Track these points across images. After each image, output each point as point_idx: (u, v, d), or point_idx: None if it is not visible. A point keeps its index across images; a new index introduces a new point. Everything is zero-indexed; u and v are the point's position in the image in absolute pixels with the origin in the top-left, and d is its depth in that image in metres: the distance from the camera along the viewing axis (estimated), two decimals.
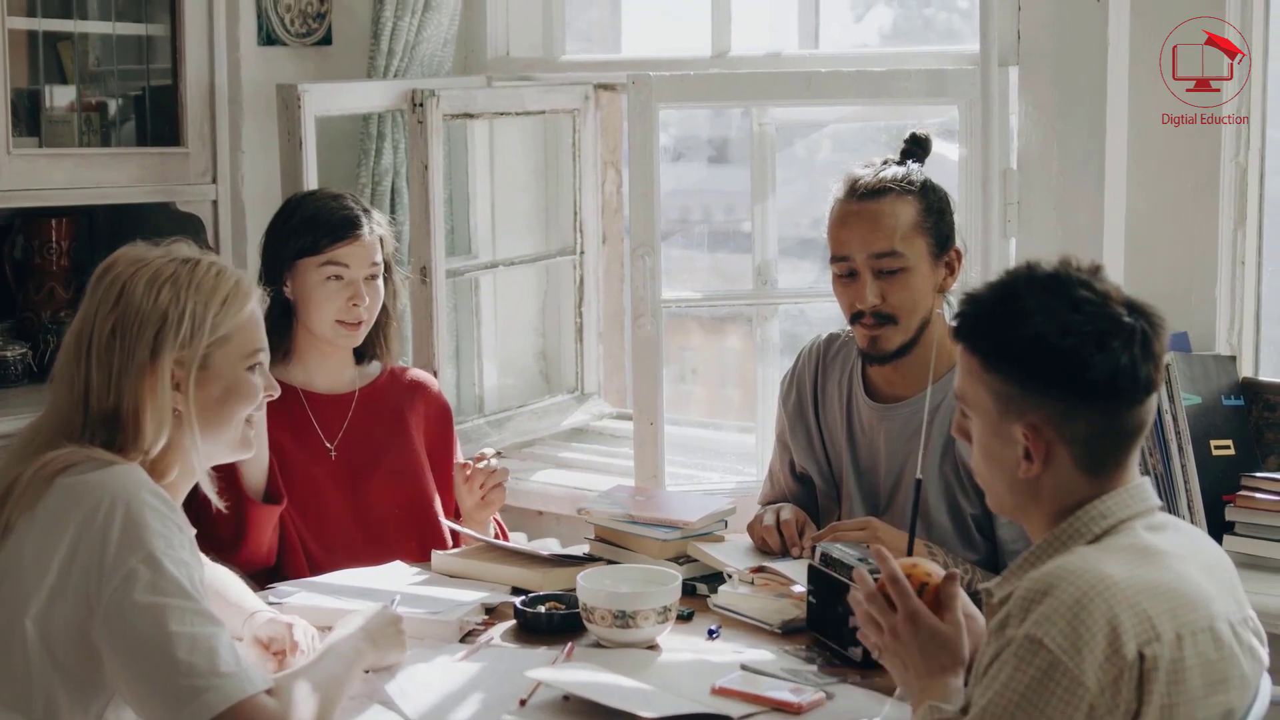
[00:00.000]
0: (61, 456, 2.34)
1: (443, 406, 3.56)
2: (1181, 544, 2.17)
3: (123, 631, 2.23)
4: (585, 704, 2.42)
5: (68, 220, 4.33)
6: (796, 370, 3.37)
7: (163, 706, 2.22)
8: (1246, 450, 3.55)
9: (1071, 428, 2.13)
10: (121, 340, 2.39)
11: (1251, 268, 3.67)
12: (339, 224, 3.35)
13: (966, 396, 2.22)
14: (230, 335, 2.47)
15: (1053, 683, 1.96)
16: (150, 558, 2.25)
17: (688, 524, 3.13)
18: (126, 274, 2.44)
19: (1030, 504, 2.20)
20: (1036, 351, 2.12)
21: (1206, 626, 2.05)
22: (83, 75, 4.25)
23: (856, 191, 3.09)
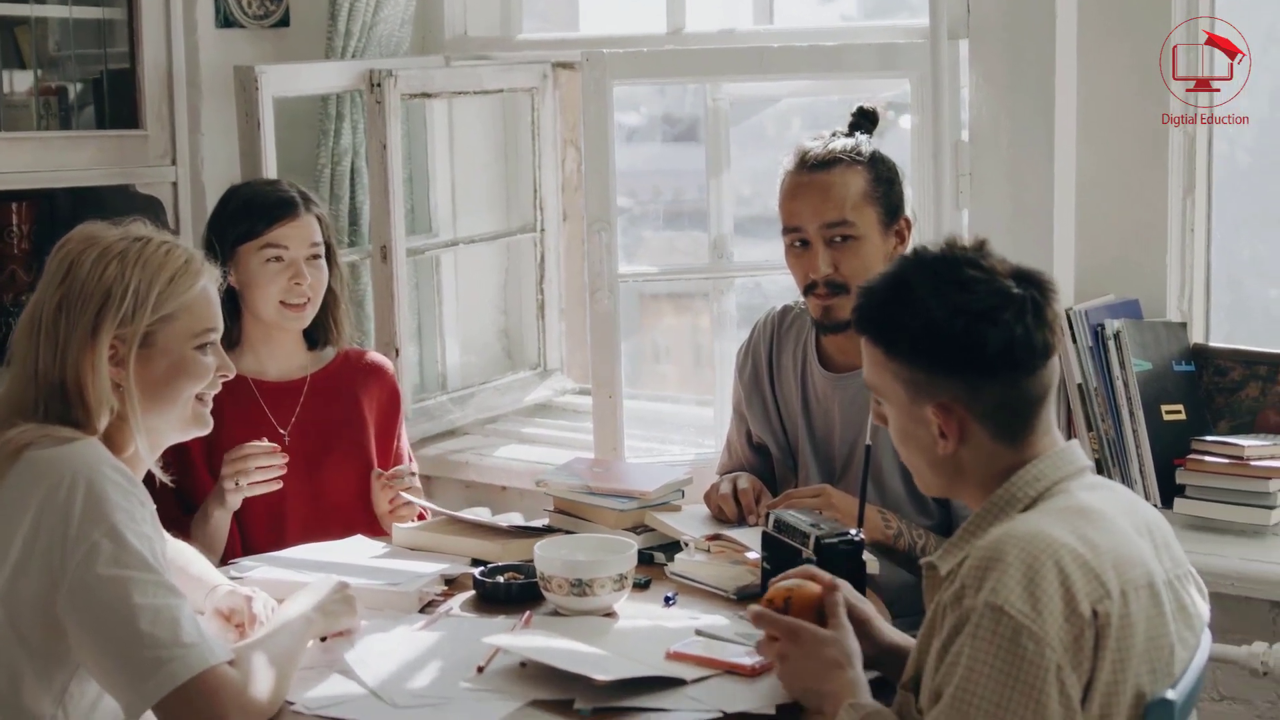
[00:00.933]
0: (21, 434, 2.37)
1: (393, 391, 3.57)
2: (1114, 503, 2.21)
3: (86, 604, 2.26)
4: (542, 669, 2.45)
5: (28, 204, 4.34)
6: (751, 342, 3.40)
7: (126, 678, 2.25)
8: (1197, 415, 3.60)
9: (979, 403, 2.18)
10: (67, 316, 2.41)
11: (1201, 235, 3.71)
12: (274, 205, 3.37)
13: (876, 385, 2.27)
14: (176, 314, 2.48)
15: (1020, 648, 1.99)
16: (113, 531, 2.28)
17: (644, 494, 3.17)
18: (76, 251, 2.46)
19: (956, 479, 2.25)
20: (933, 337, 2.17)
21: (1146, 583, 2.10)
22: (41, 60, 4.27)
23: (806, 163, 3.14)
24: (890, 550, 3.01)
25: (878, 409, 2.31)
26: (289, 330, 3.42)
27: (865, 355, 2.28)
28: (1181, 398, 3.60)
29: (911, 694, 2.21)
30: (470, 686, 2.44)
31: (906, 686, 2.23)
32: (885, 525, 3.01)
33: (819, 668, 2.30)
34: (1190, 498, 3.45)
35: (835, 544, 2.62)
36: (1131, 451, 3.49)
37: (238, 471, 3.18)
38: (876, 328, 2.25)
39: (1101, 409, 3.51)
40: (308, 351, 3.49)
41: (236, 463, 3.19)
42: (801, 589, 2.40)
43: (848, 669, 2.28)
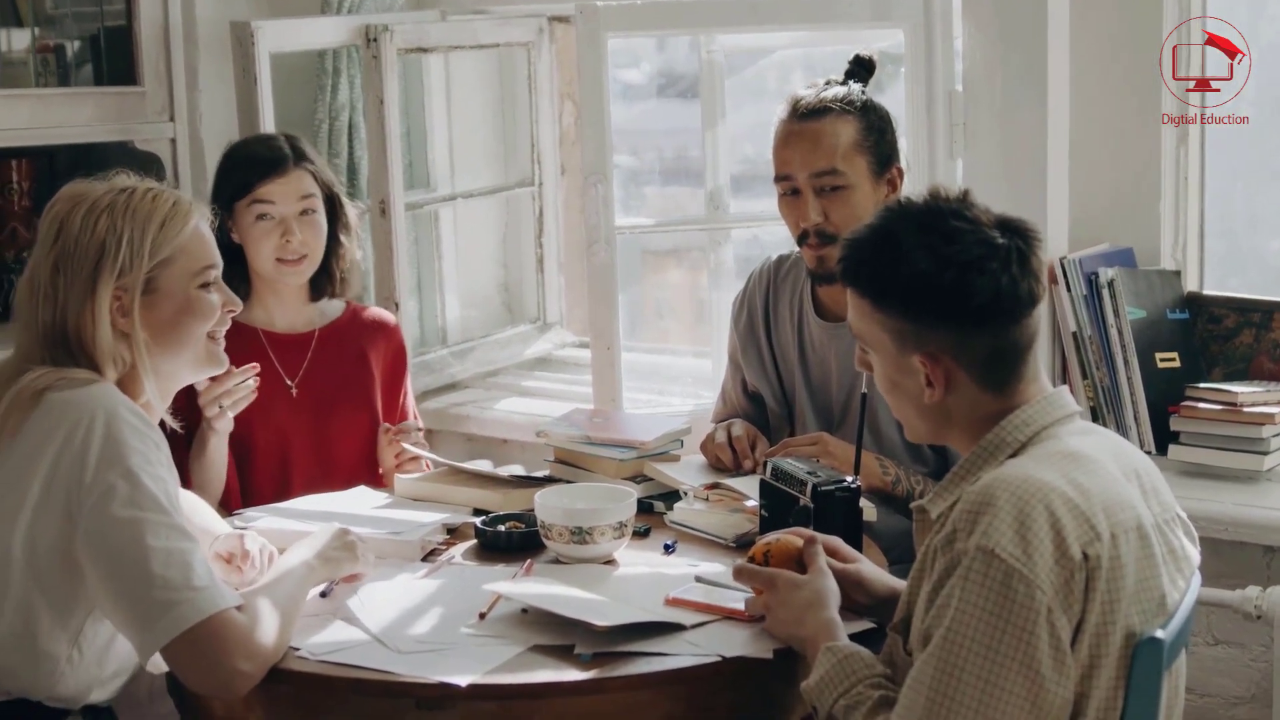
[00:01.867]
0: (39, 378, 2.42)
1: (400, 347, 3.60)
2: (1103, 447, 2.23)
3: (101, 545, 2.30)
4: (543, 616, 2.48)
5: (27, 161, 4.35)
6: (747, 291, 3.43)
7: (137, 618, 2.29)
8: (1191, 362, 3.62)
9: (966, 352, 2.21)
10: (64, 274, 2.47)
11: (1194, 183, 3.72)
12: (260, 162, 3.38)
13: (863, 335, 2.29)
14: (173, 256, 2.53)
15: (1011, 591, 2.01)
16: (129, 473, 2.33)
17: (643, 444, 3.20)
18: (65, 210, 2.51)
19: (944, 426, 2.28)
20: (920, 288, 2.19)
21: (1134, 526, 2.12)
22: (38, 17, 4.28)
23: (798, 111, 3.16)
24: (888, 497, 3.04)
25: (863, 356, 2.33)
26: (288, 285, 3.44)
27: (851, 305, 2.30)
28: (1175, 345, 3.62)
29: (900, 636, 2.24)
30: (472, 632, 2.47)
31: (896, 629, 2.25)
32: (883, 472, 3.04)
33: (796, 613, 2.34)
34: (1184, 444, 3.48)
35: (832, 491, 2.65)
36: (1126, 399, 3.51)
37: (214, 399, 3.18)
38: (864, 279, 2.26)
39: (1096, 357, 3.53)
40: (312, 303, 3.51)
41: (210, 391, 3.18)
42: (781, 542, 2.46)
43: (822, 610, 2.33)
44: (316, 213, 3.41)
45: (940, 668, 2.05)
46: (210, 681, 2.30)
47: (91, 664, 2.44)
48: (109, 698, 2.50)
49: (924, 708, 2.05)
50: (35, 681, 2.39)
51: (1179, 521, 2.27)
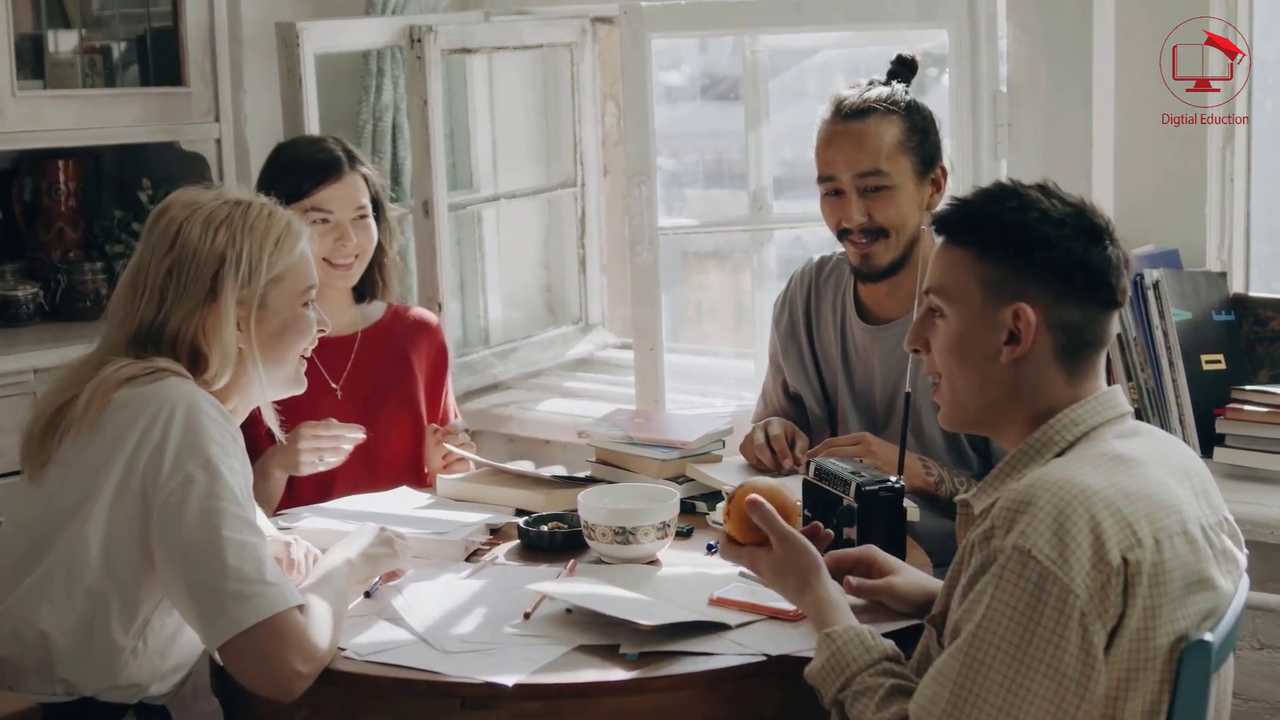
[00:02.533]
0: (120, 369, 2.45)
1: (441, 347, 3.59)
2: (1152, 449, 2.21)
3: (176, 533, 2.33)
4: (587, 615, 2.48)
5: (74, 161, 4.39)
6: (789, 292, 3.42)
7: (208, 608, 2.31)
8: (1237, 364, 3.60)
9: (1059, 313, 2.19)
10: (178, 279, 2.50)
11: (1241, 184, 3.70)
12: (318, 167, 3.37)
13: (947, 288, 2.24)
14: (284, 274, 2.58)
15: (1045, 593, 2.00)
16: (208, 463, 2.36)
17: (685, 444, 3.19)
18: (181, 217, 2.55)
19: (1003, 402, 2.23)
20: (1038, 235, 2.18)
21: (1180, 530, 2.10)
22: (85, 18, 4.31)
23: (842, 111, 3.15)
24: (931, 498, 3.03)
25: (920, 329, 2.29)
26: (336, 288, 3.43)
27: (942, 259, 2.26)
28: (1221, 347, 3.60)
29: (936, 629, 2.23)
30: (517, 632, 2.47)
31: (933, 621, 2.24)
32: (926, 473, 3.03)
33: (785, 593, 2.39)
34: (1230, 447, 3.45)
35: (876, 491, 2.64)
36: (1171, 401, 3.49)
37: (316, 449, 3.20)
38: (972, 228, 2.24)
39: (1141, 358, 3.51)
40: (356, 306, 3.51)
41: (323, 438, 3.20)
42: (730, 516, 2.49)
43: (805, 591, 2.34)
44: (368, 216, 3.41)
45: (967, 663, 2.04)
46: (267, 679, 2.31)
47: (154, 656, 2.46)
48: (166, 692, 2.52)
49: (948, 701, 2.04)
50: (99, 671, 2.41)
51: (1225, 525, 2.25)
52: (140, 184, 4.41)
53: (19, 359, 3.87)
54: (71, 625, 2.39)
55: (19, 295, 4.25)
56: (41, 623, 2.39)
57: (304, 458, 3.19)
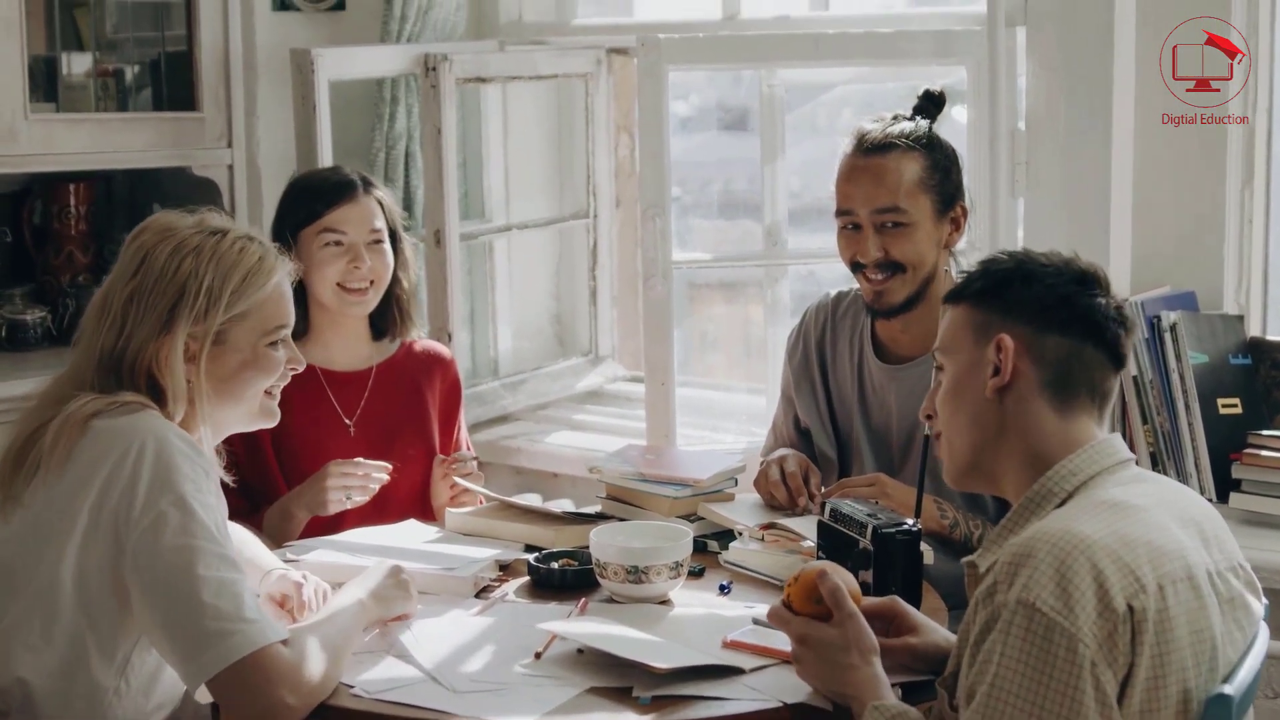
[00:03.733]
0: (86, 404, 2.40)
1: (455, 382, 3.55)
2: (1153, 495, 2.19)
3: (151, 573, 2.29)
4: (599, 656, 2.45)
5: (85, 185, 4.37)
6: (803, 327, 3.40)
7: (187, 647, 2.28)
8: (1254, 408, 3.57)
9: (1041, 345, 2.23)
10: (137, 305, 2.46)
11: (1259, 226, 3.68)
12: (332, 189, 3.35)
13: (946, 343, 2.32)
14: (248, 312, 2.52)
15: (1053, 645, 1.98)
16: (180, 500, 2.32)
17: (698, 482, 3.16)
18: (151, 242, 2.50)
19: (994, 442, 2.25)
20: (1018, 274, 2.27)
21: (1185, 576, 2.08)
22: (99, 41, 4.30)
23: (863, 146, 3.13)
24: (946, 541, 3.00)
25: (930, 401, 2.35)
26: (352, 317, 3.39)
27: (943, 323, 2.33)
28: (1238, 391, 3.57)
29: (947, 691, 2.20)
30: (527, 672, 2.45)
31: (944, 684, 2.22)
32: (941, 515, 3.00)
33: (831, 670, 2.28)
34: (1246, 492, 3.42)
35: (893, 534, 2.61)
36: (1187, 445, 3.47)
37: (344, 487, 3.17)
38: (970, 282, 2.32)
39: (1157, 401, 3.49)
40: (373, 342, 3.47)
41: (350, 476, 3.18)
42: (801, 579, 2.35)
43: (862, 667, 2.26)
44: (384, 243, 3.37)
45: None
46: (254, 715, 2.28)
47: (138, 694, 2.43)
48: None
49: None
50: (83, 714, 2.38)
51: (1240, 572, 2.22)
52: (151, 208, 4.37)
53: (26, 383, 3.83)
54: (51, 669, 2.36)
55: (27, 319, 4.24)
56: (20, 669, 2.35)
57: (331, 495, 3.17)
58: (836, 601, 2.30)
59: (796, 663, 2.33)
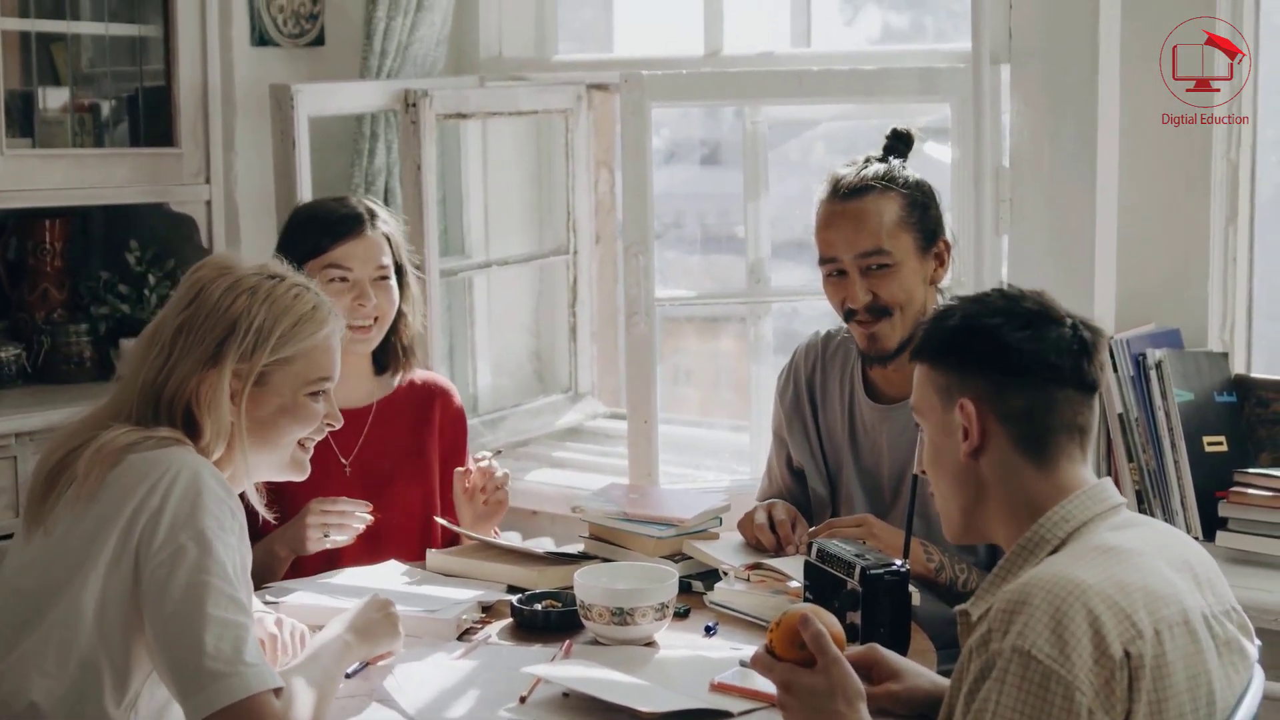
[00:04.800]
0: (121, 435, 2.38)
1: (458, 415, 3.48)
2: (1148, 539, 2.17)
3: (161, 605, 2.27)
4: (585, 700, 2.42)
5: (61, 221, 4.34)
6: (793, 366, 3.37)
7: (184, 683, 2.25)
8: (1239, 446, 3.56)
9: (1003, 404, 2.20)
10: (186, 338, 2.45)
11: (1243, 264, 3.68)
12: (338, 222, 3.26)
13: (919, 406, 2.30)
14: (293, 357, 2.50)
15: (1050, 694, 1.96)
16: (201, 536, 2.29)
17: (682, 521, 3.13)
18: (209, 277, 2.50)
19: (979, 501, 2.23)
20: (964, 332, 2.24)
21: (1181, 620, 2.06)
22: (76, 76, 4.27)
23: (839, 191, 3.12)
24: (932, 584, 2.97)
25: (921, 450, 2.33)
26: (355, 354, 3.31)
27: (915, 379, 2.31)
28: (1223, 429, 3.56)
29: None
30: (513, 717, 2.41)
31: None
32: (927, 558, 2.98)
33: (818, 717, 2.21)
34: (1233, 530, 3.40)
35: (881, 575, 2.59)
36: (1173, 483, 3.45)
37: (323, 524, 3.12)
38: (926, 339, 2.30)
39: (1143, 439, 3.48)
40: (375, 377, 3.40)
41: (330, 514, 3.13)
42: (784, 621, 2.28)
43: (848, 714, 2.20)
44: (390, 279, 3.30)
45: None
46: None
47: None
48: None
49: None
50: None
51: (1233, 615, 2.20)
52: (128, 245, 4.37)
53: (3, 422, 3.80)
54: (62, 695, 2.32)
55: (1, 356, 4.19)
56: (33, 693, 2.32)
57: (311, 533, 3.12)
58: (820, 647, 2.25)
59: (782, 709, 2.27)
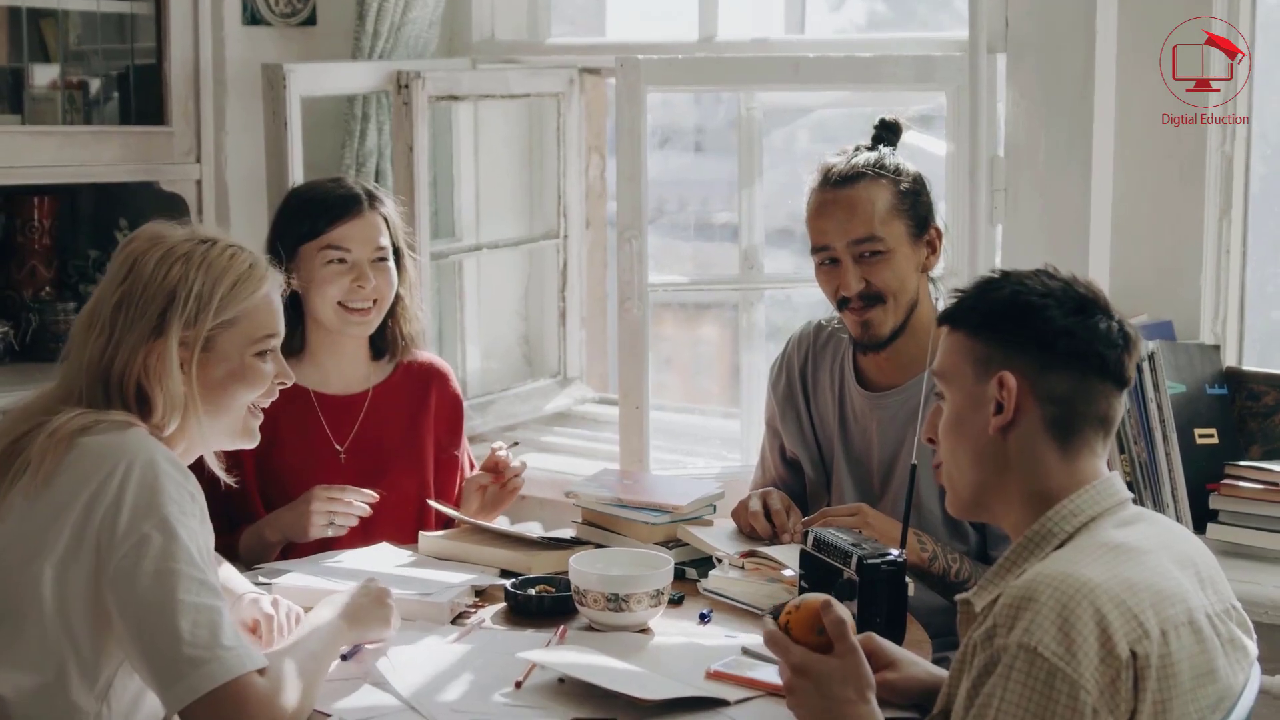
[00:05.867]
0: (73, 419, 2.35)
1: (454, 399, 3.44)
2: (1153, 537, 2.17)
3: (130, 595, 2.24)
4: (581, 686, 2.41)
5: (50, 199, 4.31)
6: (785, 356, 3.37)
7: (163, 674, 2.23)
8: (1230, 439, 3.57)
9: (1045, 383, 2.18)
10: (125, 313, 2.41)
11: (1236, 257, 3.68)
12: (336, 203, 3.22)
13: (945, 371, 2.27)
14: (237, 319, 2.47)
15: (1055, 692, 1.96)
16: (164, 523, 2.27)
17: (677, 508, 3.12)
18: (140, 250, 2.46)
19: (996, 479, 2.21)
20: (1017, 307, 2.21)
21: (1186, 620, 2.06)
22: (66, 53, 4.23)
23: (831, 179, 3.11)
24: (924, 573, 2.97)
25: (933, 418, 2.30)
26: (352, 338, 3.28)
27: (943, 346, 2.28)
28: (1214, 421, 3.57)
29: None
30: (508, 702, 2.41)
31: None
32: (921, 548, 2.97)
33: (828, 704, 2.20)
34: (1224, 523, 3.41)
35: (878, 564, 2.58)
36: (1164, 475, 3.45)
37: (328, 512, 3.10)
38: (965, 311, 2.26)
39: (1135, 431, 3.47)
40: (371, 362, 3.37)
41: (337, 503, 3.11)
42: (803, 608, 2.28)
43: (859, 704, 2.19)
44: (388, 261, 3.26)
45: None
46: None
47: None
48: None
49: None
50: None
51: (1233, 613, 2.20)
52: (117, 223, 4.34)
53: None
54: (31, 689, 2.29)
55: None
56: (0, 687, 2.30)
57: (315, 520, 3.08)
58: (840, 634, 2.23)
59: (789, 693, 2.25)
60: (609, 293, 4.80)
